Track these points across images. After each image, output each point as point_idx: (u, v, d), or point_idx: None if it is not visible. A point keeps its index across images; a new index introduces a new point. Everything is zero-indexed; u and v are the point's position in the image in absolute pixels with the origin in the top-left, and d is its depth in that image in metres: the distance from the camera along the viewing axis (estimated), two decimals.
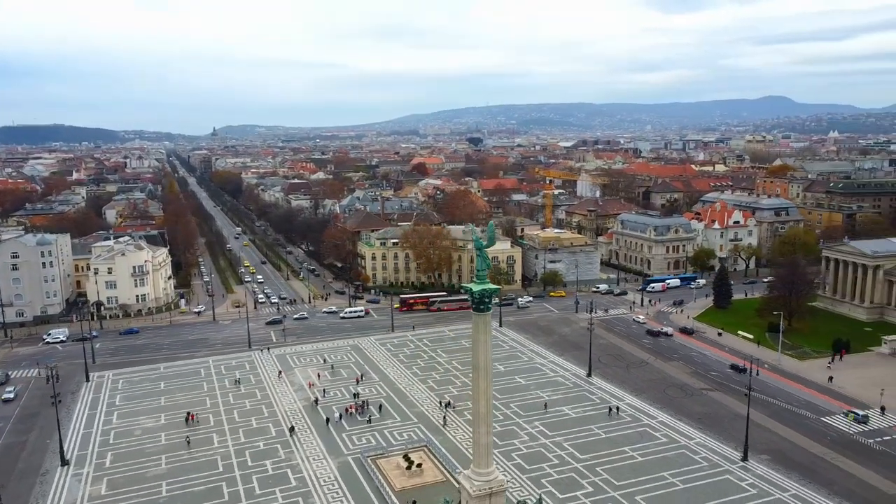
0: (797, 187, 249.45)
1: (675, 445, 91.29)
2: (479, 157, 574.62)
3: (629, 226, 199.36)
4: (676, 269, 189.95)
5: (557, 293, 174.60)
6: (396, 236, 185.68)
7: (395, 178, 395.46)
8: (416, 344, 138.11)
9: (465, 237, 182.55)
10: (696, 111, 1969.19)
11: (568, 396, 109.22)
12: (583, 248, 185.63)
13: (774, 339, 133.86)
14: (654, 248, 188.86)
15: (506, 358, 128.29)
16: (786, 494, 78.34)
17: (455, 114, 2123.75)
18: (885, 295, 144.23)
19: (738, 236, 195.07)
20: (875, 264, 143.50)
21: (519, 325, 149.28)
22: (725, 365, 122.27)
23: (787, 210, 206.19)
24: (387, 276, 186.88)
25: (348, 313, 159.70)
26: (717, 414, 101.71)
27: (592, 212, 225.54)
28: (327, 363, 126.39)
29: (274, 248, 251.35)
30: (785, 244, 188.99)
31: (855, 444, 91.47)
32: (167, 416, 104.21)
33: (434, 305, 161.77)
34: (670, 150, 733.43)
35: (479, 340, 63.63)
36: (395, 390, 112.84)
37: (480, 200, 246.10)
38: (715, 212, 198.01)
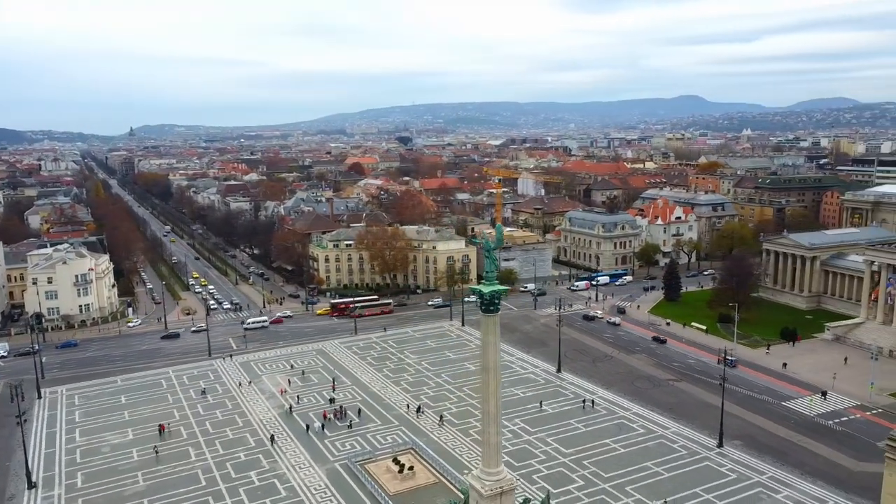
0: (728, 183, 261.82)
1: (653, 436, 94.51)
2: (413, 157, 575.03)
3: (577, 223, 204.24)
4: (624, 265, 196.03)
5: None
6: (350, 238, 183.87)
7: (333, 178, 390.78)
8: (383, 346, 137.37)
9: (419, 237, 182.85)
10: (617, 110, 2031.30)
11: (542, 392, 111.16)
12: (535, 246, 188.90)
13: (725, 329, 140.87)
14: (603, 244, 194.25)
15: (475, 357, 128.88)
16: (763, 477, 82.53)
17: (381, 113, 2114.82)
18: (821, 284, 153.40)
19: (680, 231, 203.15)
20: (812, 255, 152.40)
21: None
22: (686, 356, 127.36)
23: (722, 205, 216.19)
24: (341, 279, 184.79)
25: (251, 324, 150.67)
26: (686, 403, 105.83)
27: (539, 210, 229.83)
28: (295, 369, 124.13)
29: (216, 253, 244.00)
30: (723, 238, 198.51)
31: (816, 425, 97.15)
32: (135, 431, 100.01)
33: (355, 311, 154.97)
34: (597, 148, 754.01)
35: (489, 342, 64.28)
36: (370, 394, 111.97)
37: (428, 200, 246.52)
38: (657, 208, 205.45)
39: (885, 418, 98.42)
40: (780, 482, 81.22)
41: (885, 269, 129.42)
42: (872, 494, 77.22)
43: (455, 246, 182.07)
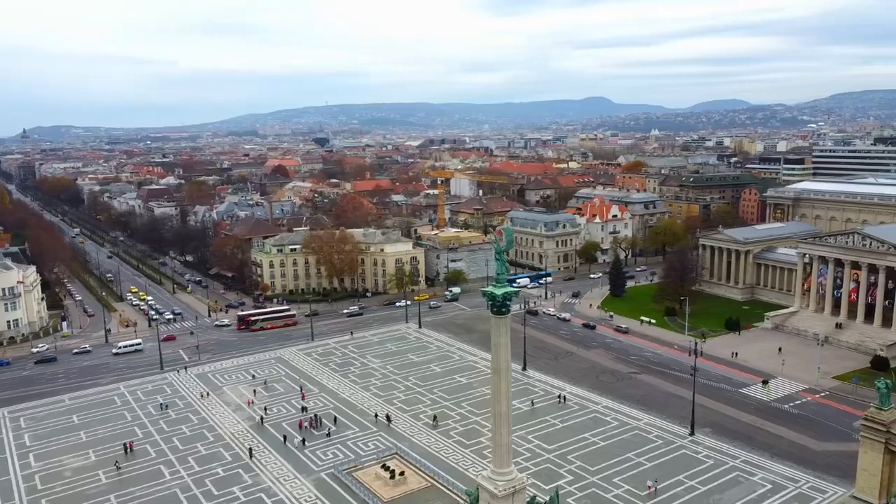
0: (654, 182, 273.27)
1: (627, 428, 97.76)
2: (336, 158, 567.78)
3: (519, 222, 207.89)
4: (566, 262, 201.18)
5: (420, 297, 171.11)
6: (295, 242, 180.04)
7: (258, 181, 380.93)
8: (343, 351, 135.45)
9: (366, 240, 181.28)
10: (529, 111, 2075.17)
11: (513, 391, 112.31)
12: (481, 247, 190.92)
13: (672, 321, 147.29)
14: (546, 242, 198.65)
15: (439, 358, 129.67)
16: (737, 461, 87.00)
17: (294, 114, 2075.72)
18: (755, 276, 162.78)
19: (616, 229, 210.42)
20: (746, 249, 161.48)
21: (438, 325, 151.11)
22: (642, 350, 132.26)
23: (654, 203, 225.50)
24: (286, 284, 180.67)
25: (123, 348, 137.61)
26: (652, 395, 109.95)
27: (479, 210, 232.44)
28: (258, 379, 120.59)
29: (145, 261, 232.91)
30: (657, 234, 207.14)
31: (774, 409, 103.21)
32: (97, 452, 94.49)
33: (256, 325, 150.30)
34: (515, 149, 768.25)
35: (500, 343, 64.65)
36: (340, 401, 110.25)
37: (368, 203, 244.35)
38: (594, 207, 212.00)
39: (833, 400, 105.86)
40: (753, 465, 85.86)
41: (817, 260, 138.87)
42: (838, 472, 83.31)
43: (403, 248, 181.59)
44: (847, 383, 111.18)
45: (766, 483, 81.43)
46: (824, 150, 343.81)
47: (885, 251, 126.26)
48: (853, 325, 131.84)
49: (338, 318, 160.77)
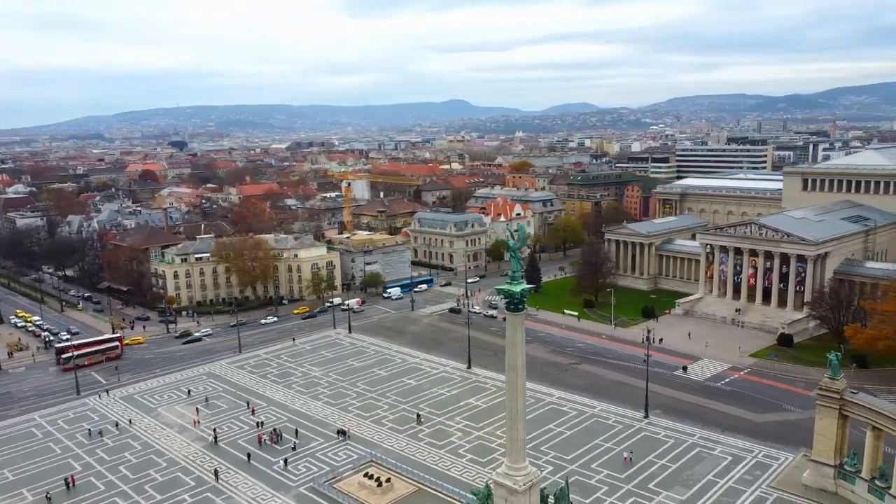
0: (543, 181, 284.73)
1: (586, 416, 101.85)
2: (205, 162, 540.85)
3: (427, 223, 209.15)
4: (475, 261, 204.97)
5: (301, 309, 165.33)
6: (202, 250, 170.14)
7: (126, 188, 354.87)
8: (278, 361, 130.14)
9: (278, 246, 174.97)
10: (392, 113, 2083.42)
11: (465, 390, 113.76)
12: (395, 248, 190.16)
13: (592, 313, 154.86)
14: (455, 242, 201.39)
15: (379, 362, 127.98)
16: (695, 438, 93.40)
17: (142, 116, 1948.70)
18: (658, 267, 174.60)
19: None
20: (649, 242, 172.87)
21: (367, 329, 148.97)
22: (574, 341, 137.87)
23: (551, 201, 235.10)
24: (193, 295, 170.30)
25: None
26: (597, 383, 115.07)
27: (382, 212, 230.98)
28: (195, 396, 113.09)
29: (16, 278, 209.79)
30: (557, 231, 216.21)
31: (710, 388, 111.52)
32: (32, 490, 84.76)
33: (69, 362, 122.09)
34: (385, 151, 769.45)
35: (517, 341, 65.33)
36: (293, 412, 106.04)
37: (266, 208, 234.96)
38: (498, 206, 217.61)
39: (756, 375, 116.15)
40: (710, 440, 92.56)
41: (718, 250, 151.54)
42: (782, 440, 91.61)
43: (317, 252, 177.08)
44: (763, 360, 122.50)
45: (726, 455, 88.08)
46: (686, 149, 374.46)
47: (779, 239, 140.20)
48: (753, 307, 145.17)
49: (257, 328, 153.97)
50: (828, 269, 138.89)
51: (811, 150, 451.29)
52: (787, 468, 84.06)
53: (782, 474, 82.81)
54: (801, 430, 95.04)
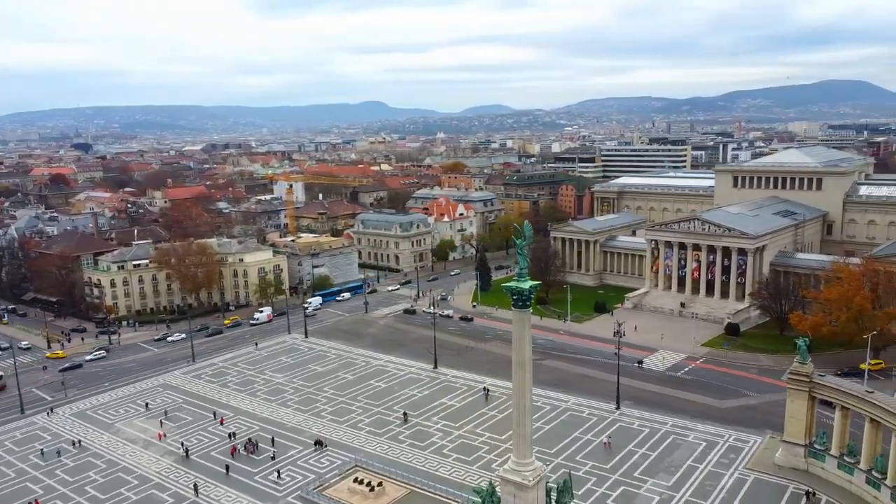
0: (479, 181, 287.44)
1: (560, 410, 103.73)
2: (118, 165, 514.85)
3: (371, 224, 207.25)
4: (422, 262, 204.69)
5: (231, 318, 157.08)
6: (140, 257, 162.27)
7: (38, 192, 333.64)
8: (237, 370, 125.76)
9: (223, 251, 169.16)
10: (308, 114, 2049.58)
11: (437, 390, 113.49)
12: (341, 251, 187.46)
13: (545, 309, 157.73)
14: (401, 243, 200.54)
15: (343, 366, 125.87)
16: (668, 426, 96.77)
17: (38, 116, 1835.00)
18: (602, 263, 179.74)
19: (464, 227, 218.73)
20: (594, 239, 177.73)
21: (324, 333, 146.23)
22: (535, 338, 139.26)
23: (492, 201, 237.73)
24: (132, 304, 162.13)
25: None
26: (564, 378, 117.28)
27: (322, 214, 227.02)
28: (153, 409, 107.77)
29: None
30: (499, 230, 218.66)
31: (671, 378, 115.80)
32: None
33: None
34: (306, 152, 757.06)
35: (524, 337, 66.02)
36: (264, 421, 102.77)
37: (202, 212, 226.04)
38: (441, 206, 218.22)
39: (711, 363, 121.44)
40: (682, 427, 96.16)
41: (663, 245, 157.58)
42: (748, 424, 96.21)
43: (263, 256, 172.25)
44: (715, 349, 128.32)
45: (700, 441, 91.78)
46: (611, 149, 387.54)
47: (721, 233, 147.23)
48: (698, 299, 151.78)
49: (203, 336, 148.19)
50: (765, 262, 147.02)
51: (721, 149, 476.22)
52: (759, 450, 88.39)
53: (755, 456, 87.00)
54: (762, 413, 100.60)
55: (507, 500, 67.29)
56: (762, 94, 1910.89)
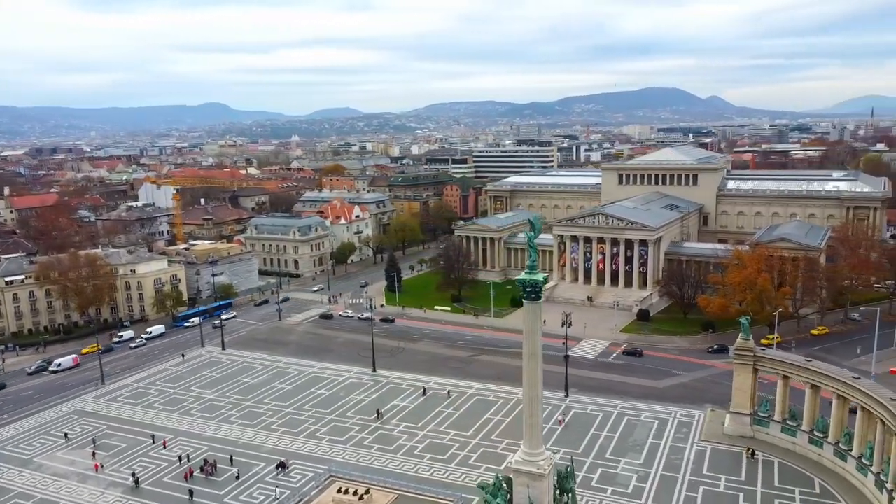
0: (362, 183, 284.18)
1: (514, 402, 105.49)
2: None
3: (266, 229, 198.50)
4: (321, 266, 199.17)
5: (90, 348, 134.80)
6: (14, 272, 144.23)
7: None
8: (158, 388, 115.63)
9: (111, 262, 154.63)
10: (141, 116, 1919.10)
11: (384, 393, 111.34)
12: (241, 257, 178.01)
13: (462, 307, 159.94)
14: (301, 247, 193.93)
15: (276, 376, 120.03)
16: (619, 408, 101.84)
17: None
18: (507, 259, 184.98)
19: (360, 229, 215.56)
20: (499, 236, 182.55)
21: (241, 344, 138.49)
22: (462, 335, 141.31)
23: (384, 202, 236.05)
24: (5, 326, 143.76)
25: None
26: (506, 372, 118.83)
27: (208, 220, 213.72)
28: (75, 439, 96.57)
29: None
30: (396, 231, 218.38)
31: (604, 364, 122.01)
32: None
33: None
34: (150, 157, 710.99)
35: (535, 329, 66.67)
36: (211, 440, 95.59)
37: (73, 222, 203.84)
38: (336, 209, 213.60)
39: (634, 348, 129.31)
40: (632, 408, 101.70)
41: (569, 240, 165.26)
42: (686, 401, 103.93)
43: (158, 266, 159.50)
44: (633, 334, 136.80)
45: (652, 420, 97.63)
46: (482, 151, 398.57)
47: (623, 227, 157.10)
48: (604, 289, 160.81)
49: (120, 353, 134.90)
50: (661, 252, 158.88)
51: (574, 150, 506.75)
52: (706, 423, 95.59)
53: (705, 429, 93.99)
54: (696, 390, 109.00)
55: (521, 491, 67.80)
56: (594, 99, 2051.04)
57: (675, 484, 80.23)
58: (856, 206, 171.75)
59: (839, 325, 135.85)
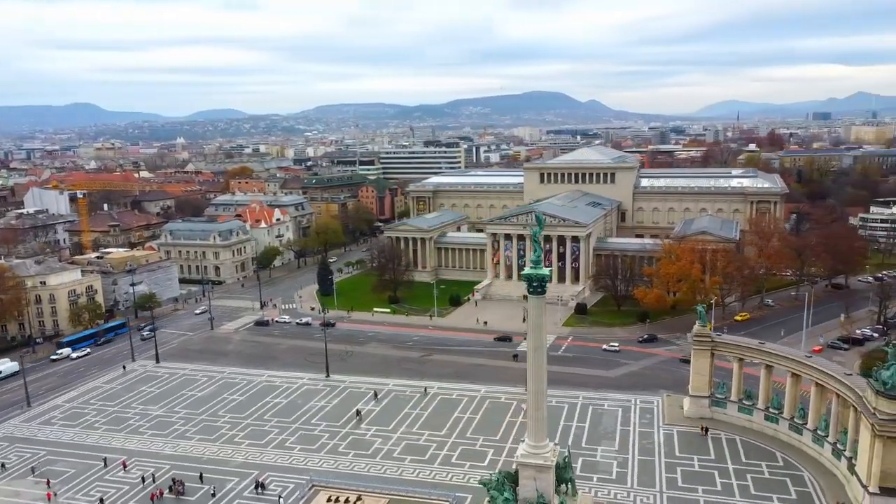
0: (274, 185, 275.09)
1: (479, 399, 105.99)
2: None
3: (184, 235, 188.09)
4: (244, 271, 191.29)
5: None
6: None
7: None
8: (94, 408, 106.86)
9: (19, 273, 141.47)
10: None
11: (344, 397, 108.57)
12: (160, 265, 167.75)
13: (400, 308, 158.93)
14: (222, 253, 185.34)
15: (224, 387, 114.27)
16: (581, 399, 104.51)
17: None
18: (438, 259, 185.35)
19: (281, 232, 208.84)
20: (429, 236, 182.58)
21: (176, 356, 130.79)
22: (410, 336, 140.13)
23: (303, 205, 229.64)
24: None
25: None
26: (463, 370, 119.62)
27: (115, 226, 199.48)
28: (13, 468, 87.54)
29: None
30: (318, 234, 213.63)
31: (556, 357, 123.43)
32: None
33: None
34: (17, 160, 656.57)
35: (540, 323, 67.37)
36: (171, 458, 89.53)
37: None
38: (255, 212, 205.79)
39: (580, 340, 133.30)
40: (594, 398, 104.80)
41: (503, 238, 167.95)
42: (640, 388, 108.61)
43: (70, 277, 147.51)
44: (574, 327, 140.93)
45: (615, 408, 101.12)
46: (389, 152, 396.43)
47: (556, 224, 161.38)
48: None
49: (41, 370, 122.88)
50: (591, 247, 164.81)
51: (475, 151, 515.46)
52: (666, 408, 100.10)
53: (666, 413, 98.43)
54: (647, 377, 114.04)
55: (527, 484, 68.32)
56: (481, 102, 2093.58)
57: (653, 467, 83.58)
58: (758, 201, 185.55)
59: (757, 311, 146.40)
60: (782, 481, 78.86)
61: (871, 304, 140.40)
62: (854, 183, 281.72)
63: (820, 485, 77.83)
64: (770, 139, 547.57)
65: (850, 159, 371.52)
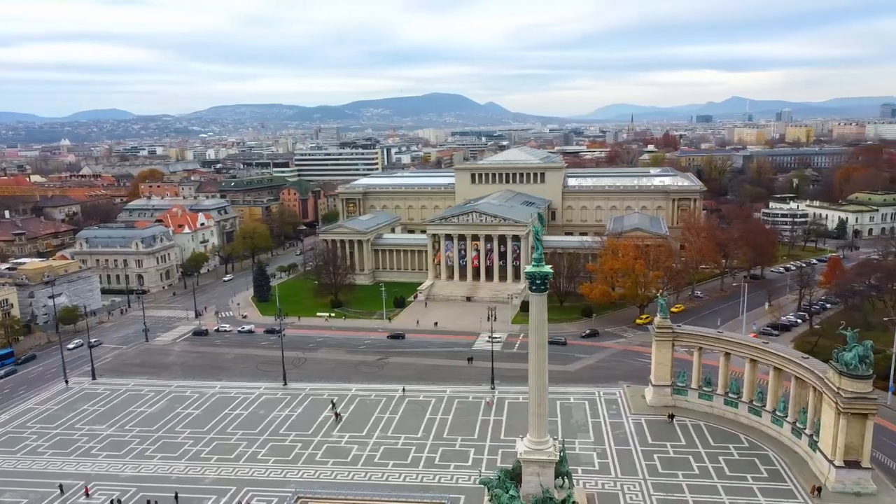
0: (189, 188, 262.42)
1: (447, 400, 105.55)
2: None
3: (101, 243, 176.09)
4: (169, 279, 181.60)
5: None
6: None
7: None
8: (32, 431, 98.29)
9: None
10: None
11: (308, 405, 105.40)
12: (80, 275, 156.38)
13: (344, 311, 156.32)
14: (145, 261, 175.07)
15: (175, 401, 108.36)
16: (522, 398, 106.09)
17: None
18: (375, 261, 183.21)
19: (206, 237, 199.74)
20: (366, 238, 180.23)
21: (114, 371, 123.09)
22: (361, 340, 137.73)
23: (225, 209, 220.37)
24: None
25: None
26: (424, 371, 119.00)
27: (20, 234, 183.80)
28: None
29: None
30: (245, 239, 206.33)
31: (511, 354, 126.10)
32: None
33: None
34: None
35: (542, 320, 68.25)
36: (134, 479, 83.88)
37: None
38: (177, 217, 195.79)
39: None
40: (558, 393, 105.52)
41: (443, 238, 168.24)
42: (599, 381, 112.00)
43: None
44: (523, 324, 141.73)
45: (581, 401, 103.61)
46: (304, 154, 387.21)
47: (497, 223, 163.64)
48: (481, 284, 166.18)
49: None
50: (530, 245, 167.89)
51: (384, 153, 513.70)
52: (629, 398, 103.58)
53: (631, 403, 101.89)
54: (604, 370, 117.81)
55: (531, 480, 69.00)
56: (382, 103, 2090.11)
57: (631, 456, 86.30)
58: (679, 198, 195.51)
59: (689, 303, 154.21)
60: (751, 461, 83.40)
61: (790, 291, 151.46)
62: (750, 181, 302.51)
63: (786, 462, 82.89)
64: (665, 140, 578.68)
65: (741, 159, 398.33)
